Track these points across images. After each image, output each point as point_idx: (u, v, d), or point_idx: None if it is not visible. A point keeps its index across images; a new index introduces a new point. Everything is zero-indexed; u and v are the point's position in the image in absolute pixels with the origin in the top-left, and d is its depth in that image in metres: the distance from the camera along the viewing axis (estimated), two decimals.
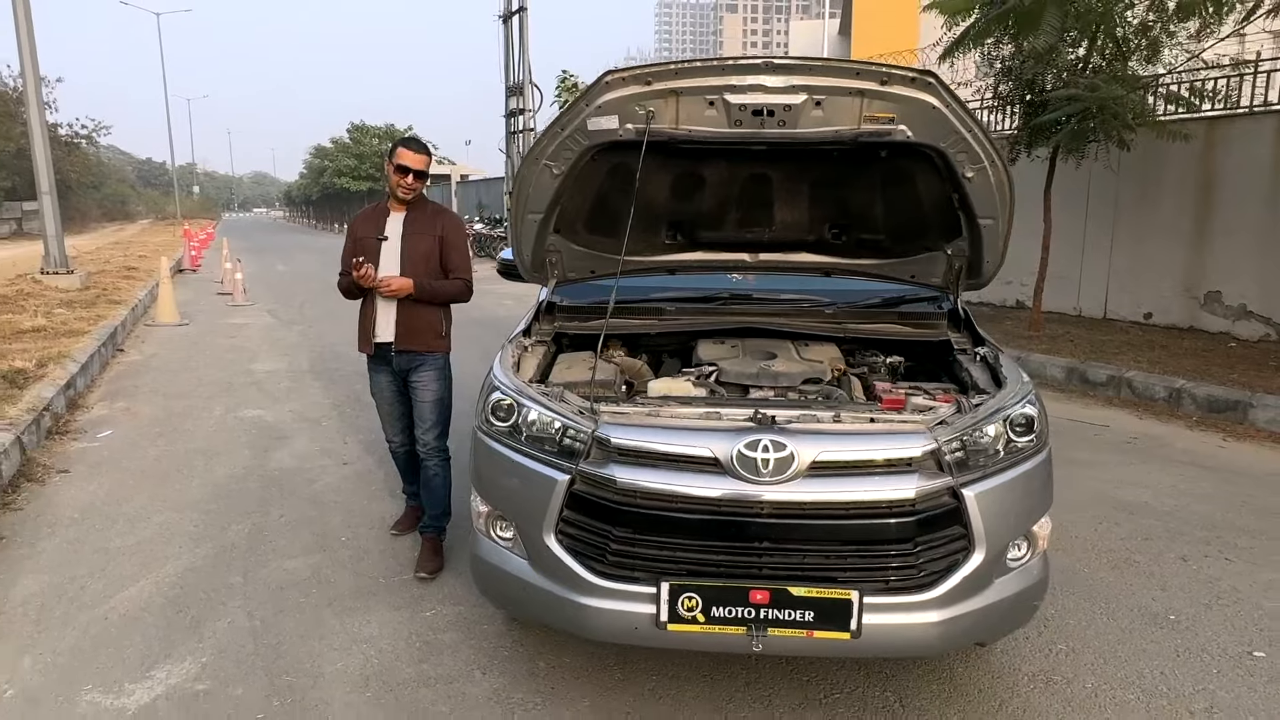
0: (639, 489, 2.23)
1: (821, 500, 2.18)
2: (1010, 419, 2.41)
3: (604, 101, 2.56)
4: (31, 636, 3.02)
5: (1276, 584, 3.54)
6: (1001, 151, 2.68)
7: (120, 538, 3.91)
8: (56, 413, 5.77)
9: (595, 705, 2.62)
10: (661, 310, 3.19)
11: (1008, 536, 2.31)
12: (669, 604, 2.19)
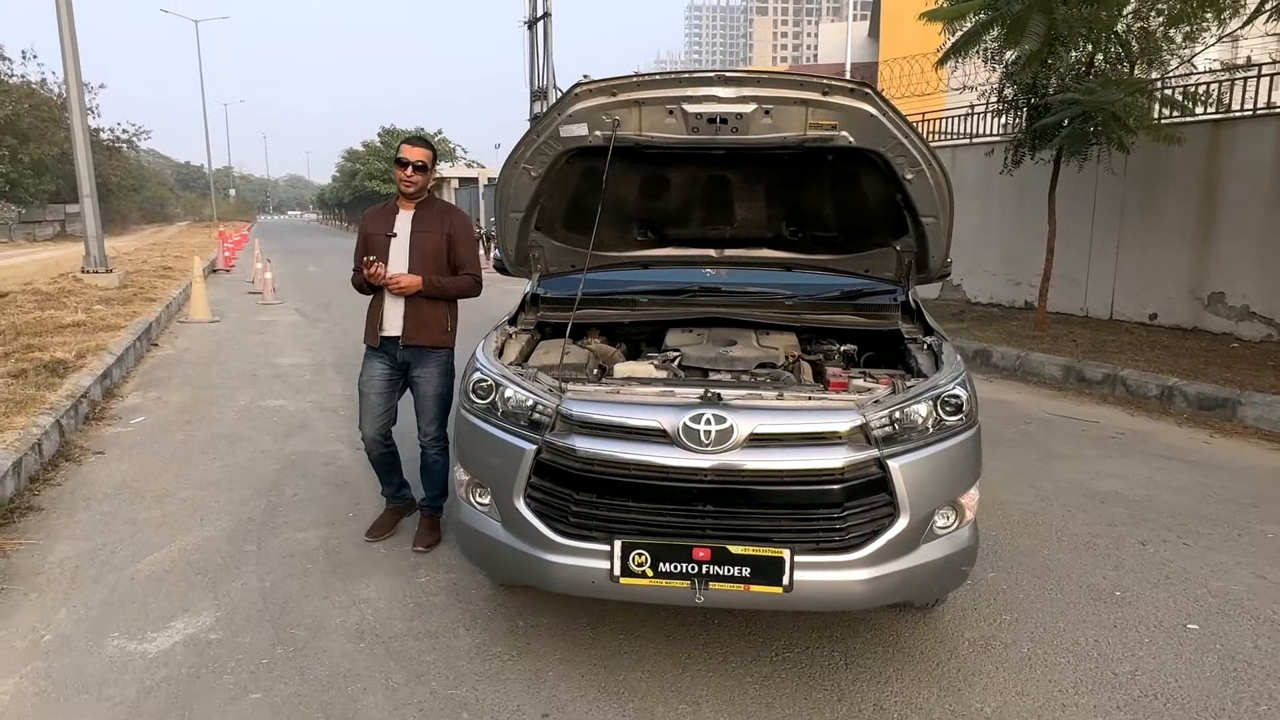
0: (597, 457, 2.50)
1: (758, 468, 2.43)
2: (941, 399, 2.64)
3: (574, 111, 2.83)
4: (66, 592, 3.36)
5: (1227, 566, 3.71)
6: (938, 156, 2.91)
7: (148, 511, 4.25)
8: (93, 400, 6.17)
9: (565, 658, 2.89)
10: (635, 302, 3.45)
11: (932, 505, 2.54)
12: (621, 560, 2.45)
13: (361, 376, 3.81)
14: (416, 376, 3.73)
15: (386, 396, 3.78)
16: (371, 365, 3.78)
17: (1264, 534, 4.10)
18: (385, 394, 3.78)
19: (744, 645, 2.96)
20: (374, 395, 3.76)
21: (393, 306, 3.69)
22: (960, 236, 11.04)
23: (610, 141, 2.83)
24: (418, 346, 3.67)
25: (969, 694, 2.70)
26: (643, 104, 2.77)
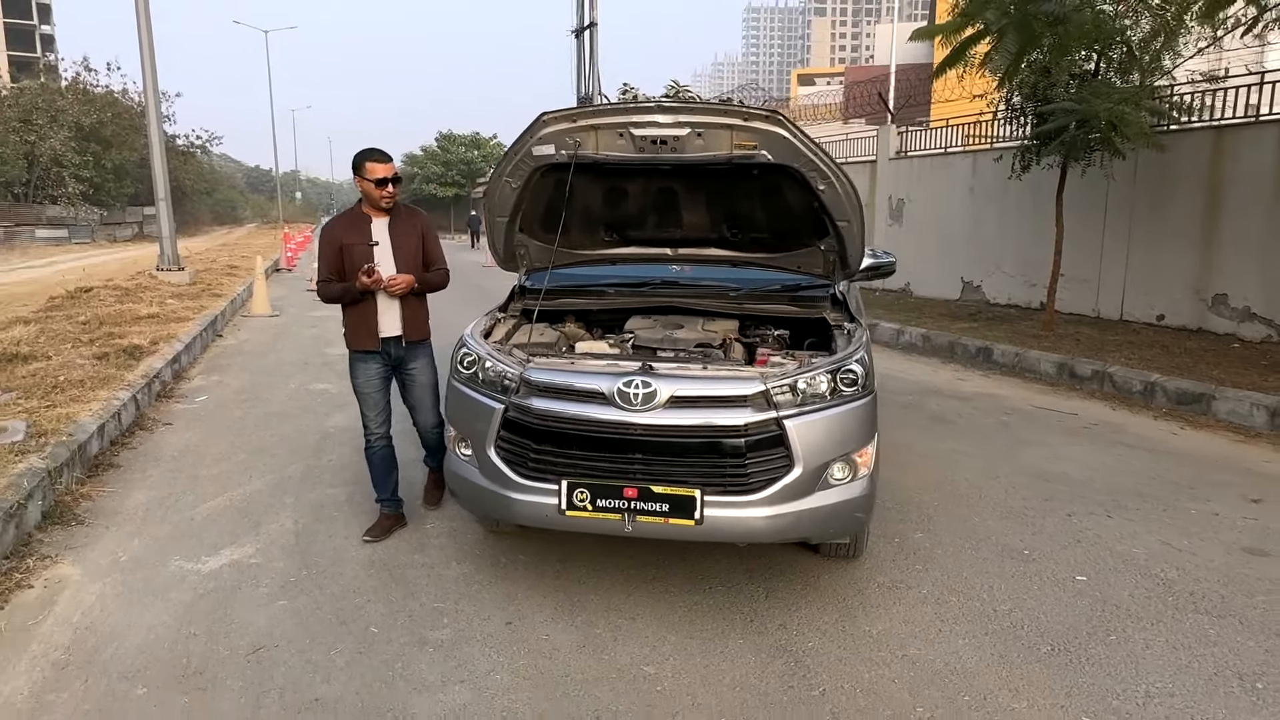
0: (550, 414, 3.11)
1: (676, 424, 3.01)
2: (839, 372, 3.18)
3: (543, 134, 3.42)
4: (139, 528, 4.10)
5: (1138, 534, 4.14)
6: (844, 170, 3.43)
7: (206, 469, 5.00)
8: (164, 380, 7.01)
9: (533, 585, 3.50)
10: (604, 293, 4.05)
11: (825, 458, 3.08)
12: (567, 497, 3.05)
13: (357, 380, 3.93)
14: (412, 370, 3.96)
15: (385, 394, 3.97)
16: (367, 367, 3.90)
17: (1188, 510, 4.50)
18: (385, 391, 3.96)
19: (683, 579, 3.54)
20: (375, 394, 3.92)
21: (388, 309, 3.84)
22: (980, 240, 11.48)
23: (573, 159, 3.43)
24: (415, 342, 3.93)
25: (863, 620, 3.23)
26: (598, 128, 3.36)
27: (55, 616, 3.21)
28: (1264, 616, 3.29)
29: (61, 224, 36.89)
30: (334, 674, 2.84)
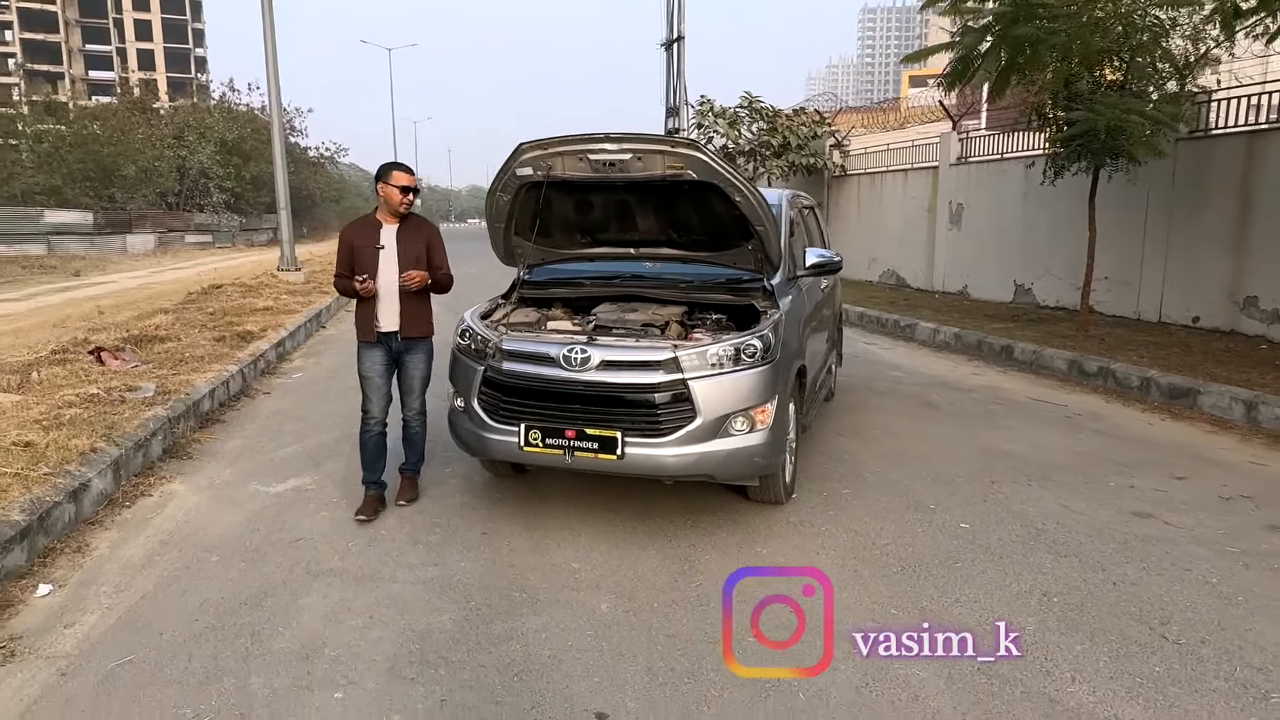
0: (514, 373, 4.07)
1: (606, 381, 3.91)
2: (741, 346, 4.01)
3: (522, 159, 4.37)
4: (231, 463, 5.32)
5: (1043, 499, 4.73)
6: (753, 186, 4.22)
7: (289, 426, 6.24)
8: (269, 360, 8.40)
9: (513, 512, 4.47)
10: (582, 284, 4.99)
11: (723, 412, 3.90)
12: (524, 436, 4.00)
13: (363, 365, 4.40)
14: (407, 362, 4.46)
15: (386, 380, 4.43)
16: (371, 355, 4.39)
17: (1107, 483, 5.04)
18: (385, 377, 4.43)
19: (629, 513, 4.42)
20: (377, 379, 4.40)
21: (387, 307, 4.32)
22: (1031, 244, 11.76)
23: (546, 178, 4.38)
24: (411, 338, 4.42)
25: (759, 544, 4.05)
26: (563, 154, 4.28)
27: (164, 514, 4.41)
28: (1102, 557, 3.91)
29: (207, 230, 40.77)
30: (347, 556, 3.89)
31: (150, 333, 8.53)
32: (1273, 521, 4.39)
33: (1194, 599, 3.49)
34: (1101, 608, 3.41)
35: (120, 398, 5.66)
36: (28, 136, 38.46)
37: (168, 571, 3.72)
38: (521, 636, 3.15)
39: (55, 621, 3.24)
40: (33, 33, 72.70)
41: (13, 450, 4.31)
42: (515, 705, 2.72)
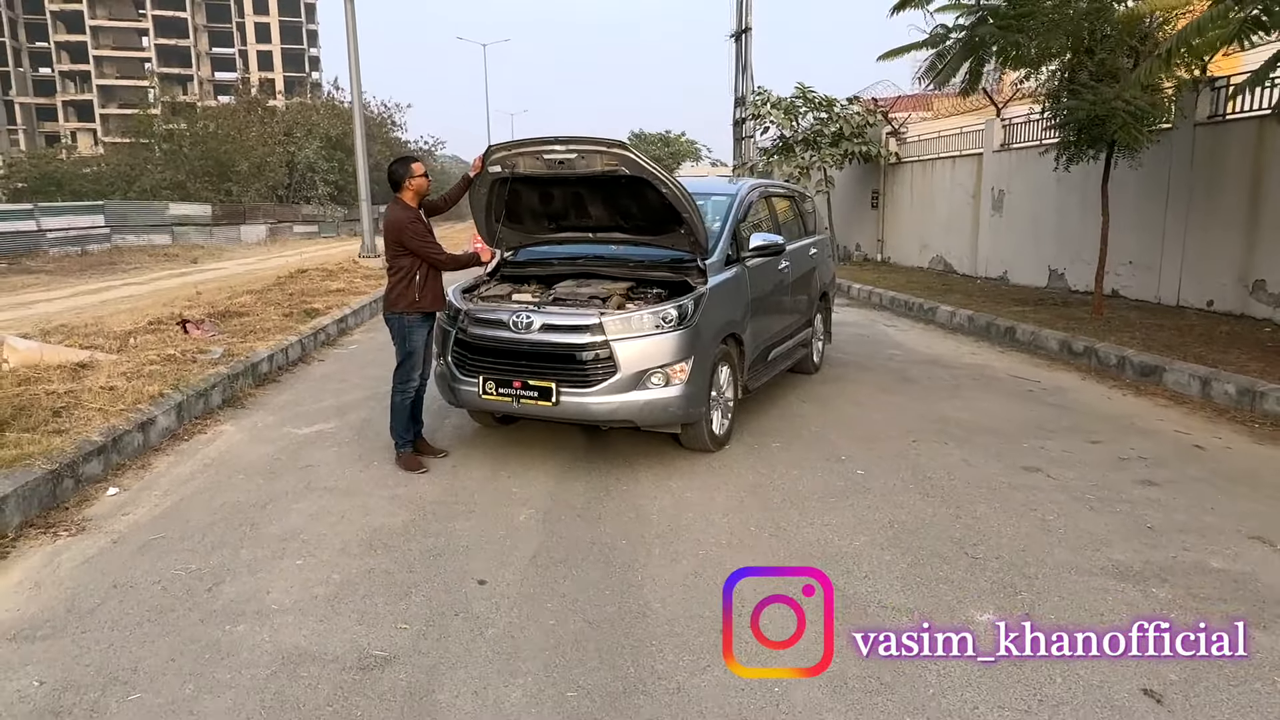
0: (477, 334, 4.99)
1: (545, 341, 4.77)
2: (660, 313, 4.80)
3: (492, 158, 5.25)
4: (274, 412, 6.45)
5: (949, 453, 5.32)
6: (676, 180, 4.97)
7: (330, 385, 7.37)
8: (329, 334, 9.63)
9: (485, 454, 5.39)
10: (551, 263, 5.85)
11: (641, 368, 4.70)
12: (482, 386, 4.91)
13: (417, 339, 5.07)
14: (431, 330, 5.23)
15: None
16: (424, 329, 5.10)
17: (1022, 444, 5.56)
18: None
19: (581, 456, 5.27)
20: (425, 349, 5.15)
21: (442, 281, 5.18)
22: (1064, 230, 11.94)
23: (510, 174, 5.26)
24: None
25: (675, 481, 4.82)
26: (524, 154, 5.13)
27: (212, 446, 5.55)
28: (965, 499, 4.52)
29: (313, 220, 43.63)
30: (341, 479, 4.90)
31: (233, 309, 9.89)
32: (1150, 478, 4.87)
33: (1018, 530, 4.10)
34: (932, 534, 4.06)
35: (193, 358, 6.89)
36: (158, 136, 42.08)
37: (204, 484, 4.82)
38: (449, 534, 4.07)
39: (116, 511, 4.35)
40: (166, 38, 78.56)
41: (101, 392, 5.53)
42: (424, 573, 3.63)
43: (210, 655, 2.97)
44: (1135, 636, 2.99)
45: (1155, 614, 3.20)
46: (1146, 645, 2.97)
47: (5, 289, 17.89)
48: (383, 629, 3.15)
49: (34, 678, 2.82)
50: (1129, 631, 3.01)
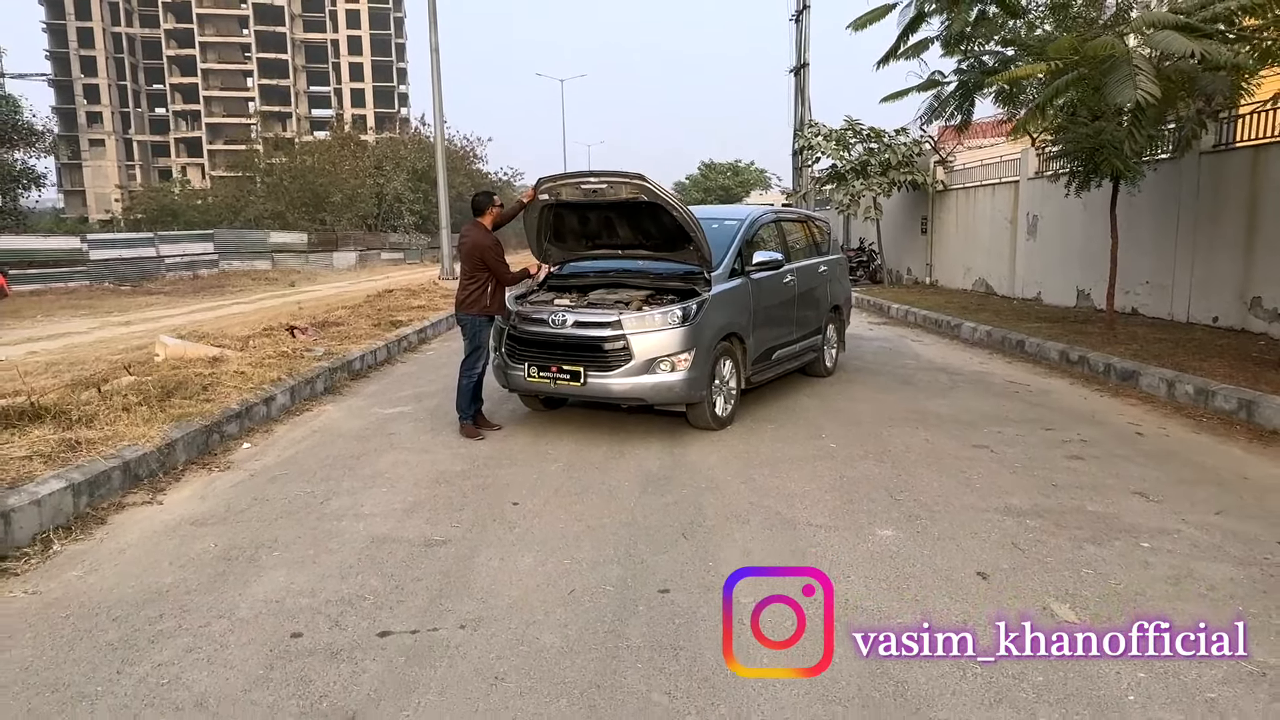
0: (524, 330, 6.28)
1: (576, 334, 6.03)
2: (667, 313, 6.01)
3: (542, 188, 6.57)
4: (366, 398, 7.87)
5: (916, 436, 6.32)
6: (684, 204, 6.17)
7: (410, 381, 8.79)
8: (410, 341, 11.13)
9: (536, 426, 6.67)
10: (587, 275, 7.12)
11: (652, 356, 5.89)
12: (527, 371, 6.20)
13: (485, 335, 6.43)
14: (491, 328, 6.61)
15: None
16: (489, 329, 6.47)
17: (981, 430, 6.53)
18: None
19: (607, 431, 6.49)
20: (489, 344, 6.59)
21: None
22: (1090, 252, 12.70)
23: (555, 201, 6.58)
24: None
25: (676, 448, 5.98)
26: (566, 185, 6.43)
27: (318, 419, 6.97)
28: (911, 465, 5.54)
29: (399, 248, 46.35)
30: (416, 442, 6.22)
31: (331, 320, 11.52)
32: (1079, 454, 5.80)
33: (943, 485, 5.11)
34: (871, 484, 5.12)
35: (300, 355, 8.40)
36: (260, 170, 45.55)
37: (313, 443, 6.22)
38: (495, 476, 5.33)
39: (250, 458, 5.77)
40: (268, 79, 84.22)
41: (234, 376, 7.03)
42: (474, 498, 4.89)
43: (324, 535, 4.28)
44: (1135, 637, 3.03)
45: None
46: (1146, 645, 3.00)
47: (134, 307, 20.27)
48: (442, 526, 4.41)
49: (210, 542, 4.18)
50: (1129, 632, 3.05)
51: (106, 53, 79.82)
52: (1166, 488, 5.01)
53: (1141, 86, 5.51)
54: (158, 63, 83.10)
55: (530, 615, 3.38)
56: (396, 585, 3.67)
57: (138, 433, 5.28)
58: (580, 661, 3.00)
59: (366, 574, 3.79)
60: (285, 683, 2.87)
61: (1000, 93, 9.10)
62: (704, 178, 56.41)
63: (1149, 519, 4.47)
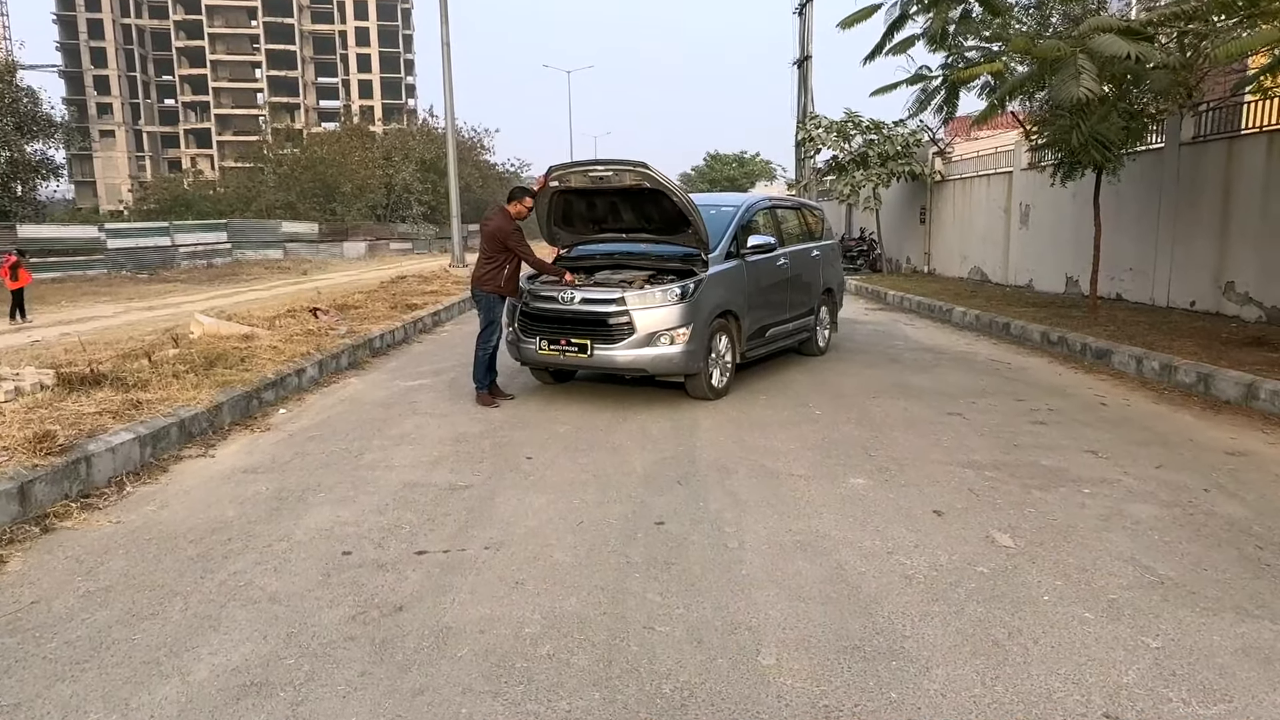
0: (535, 307, 6.84)
1: (583, 310, 6.58)
2: (666, 291, 6.56)
3: (553, 175, 7.11)
4: (387, 373, 8.44)
5: (895, 405, 6.87)
6: (685, 192, 6.71)
7: (428, 359, 9.35)
8: (425, 324, 11.70)
9: (546, 395, 7.23)
10: (594, 257, 7.67)
11: (653, 330, 6.43)
12: (539, 344, 6.75)
13: (499, 311, 6.97)
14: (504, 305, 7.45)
15: None
16: (503, 306, 7.02)
17: (957, 400, 7.06)
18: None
19: (612, 400, 7.06)
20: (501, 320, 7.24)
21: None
22: (1078, 241, 13.33)
23: (564, 187, 7.13)
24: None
25: (672, 411, 6.54)
26: (576, 172, 6.98)
27: (345, 390, 7.54)
28: (888, 427, 6.09)
29: (408, 238, 46.96)
30: (436, 409, 6.78)
31: (349, 304, 12.10)
32: (1044, 420, 6.33)
33: (914, 444, 5.66)
34: (849, 443, 5.67)
35: (325, 334, 8.98)
36: (271, 161, 46.17)
37: (343, 410, 6.79)
38: (510, 436, 5.90)
39: (287, 421, 6.35)
40: (276, 70, 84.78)
41: (268, 350, 7.61)
42: (491, 453, 5.45)
43: (361, 481, 4.86)
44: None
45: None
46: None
47: (153, 294, 20.92)
48: (464, 475, 4.98)
49: (262, 486, 4.76)
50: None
51: (116, 44, 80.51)
52: (1116, 447, 5.54)
53: (1084, 84, 6.01)
54: (167, 54, 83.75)
55: (545, 540, 3.94)
56: (428, 518, 4.24)
57: (188, 396, 5.86)
58: (588, 573, 3.57)
59: (401, 510, 4.36)
60: (341, 585, 3.45)
61: (985, 86, 9.62)
62: (709, 169, 56.79)
63: (1094, 471, 5.01)
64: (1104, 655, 2.87)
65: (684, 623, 3.11)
